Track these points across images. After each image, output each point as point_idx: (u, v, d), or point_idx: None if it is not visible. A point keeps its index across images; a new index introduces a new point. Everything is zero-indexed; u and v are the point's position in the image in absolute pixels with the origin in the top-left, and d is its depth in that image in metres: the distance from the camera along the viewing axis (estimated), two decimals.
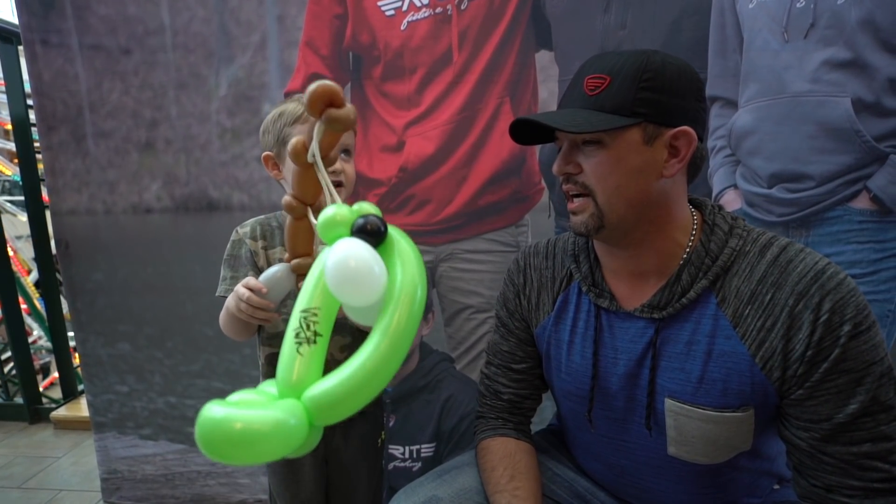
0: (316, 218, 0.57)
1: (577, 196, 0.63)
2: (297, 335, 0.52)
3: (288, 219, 0.63)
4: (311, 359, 0.51)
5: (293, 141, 0.57)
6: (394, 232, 0.56)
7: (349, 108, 0.55)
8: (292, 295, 0.79)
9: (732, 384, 0.60)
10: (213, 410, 0.46)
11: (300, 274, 0.67)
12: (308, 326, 0.52)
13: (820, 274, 0.57)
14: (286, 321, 0.85)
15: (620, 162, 0.60)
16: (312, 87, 0.54)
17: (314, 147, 0.56)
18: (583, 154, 0.62)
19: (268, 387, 0.54)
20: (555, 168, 0.65)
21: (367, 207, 0.57)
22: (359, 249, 0.50)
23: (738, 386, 0.60)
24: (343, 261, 0.49)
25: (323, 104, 0.54)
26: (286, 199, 0.61)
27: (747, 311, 0.60)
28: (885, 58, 1.00)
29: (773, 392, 0.60)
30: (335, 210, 0.54)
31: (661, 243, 0.64)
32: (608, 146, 0.60)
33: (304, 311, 0.53)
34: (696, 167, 0.64)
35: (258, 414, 0.47)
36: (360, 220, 0.53)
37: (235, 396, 0.52)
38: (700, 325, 0.62)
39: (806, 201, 1.07)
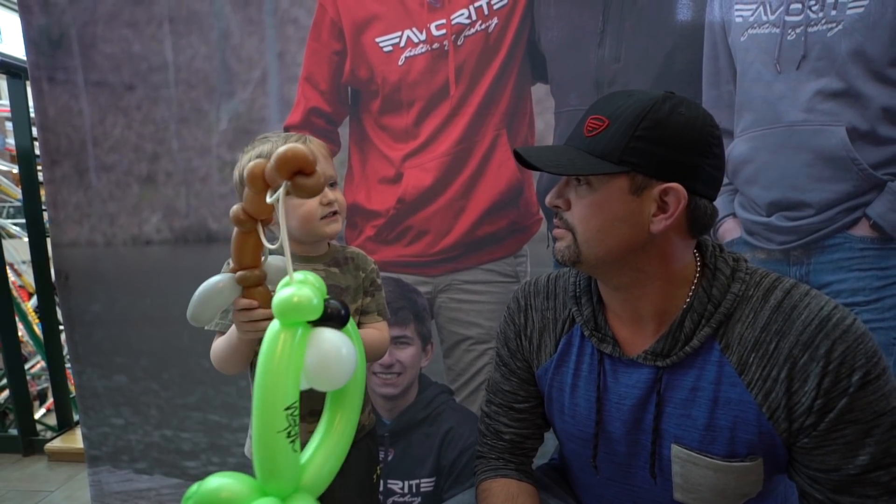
0: (264, 233, 0.57)
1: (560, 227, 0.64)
2: (289, 434, 0.52)
3: (235, 230, 0.61)
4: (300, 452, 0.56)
5: (251, 165, 0.54)
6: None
7: (317, 177, 0.52)
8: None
9: (740, 433, 0.59)
10: None
11: (246, 286, 0.65)
12: (294, 422, 0.52)
13: (825, 321, 0.55)
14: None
15: (603, 207, 0.59)
16: (283, 149, 0.51)
17: (280, 194, 0.52)
18: (574, 192, 0.61)
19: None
20: (547, 199, 0.64)
21: (312, 279, 0.56)
22: (342, 345, 0.53)
23: (746, 435, 0.59)
24: (333, 359, 0.52)
25: (291, 170, 0.51)
26: (235, 210, 0.58)
27: (752, 358, 0.58)
28: (877, 87, 1.01)
29: (781, 443, 0.58)
30: (295, 295, 0.53)
31: (656, 292, 0.62)
32: (596, 189, 0.59)
33: (289, 407, 0.52)
34: (702, 224, 0.59)
35: None
36: (333, 305, 0.54)
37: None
38: (704, 372, 0.60)
39: (805, 229, 1.07)
